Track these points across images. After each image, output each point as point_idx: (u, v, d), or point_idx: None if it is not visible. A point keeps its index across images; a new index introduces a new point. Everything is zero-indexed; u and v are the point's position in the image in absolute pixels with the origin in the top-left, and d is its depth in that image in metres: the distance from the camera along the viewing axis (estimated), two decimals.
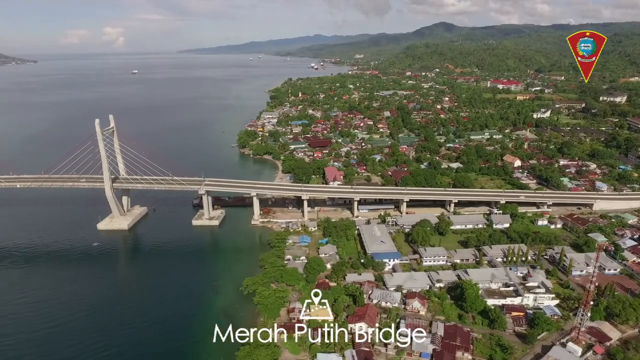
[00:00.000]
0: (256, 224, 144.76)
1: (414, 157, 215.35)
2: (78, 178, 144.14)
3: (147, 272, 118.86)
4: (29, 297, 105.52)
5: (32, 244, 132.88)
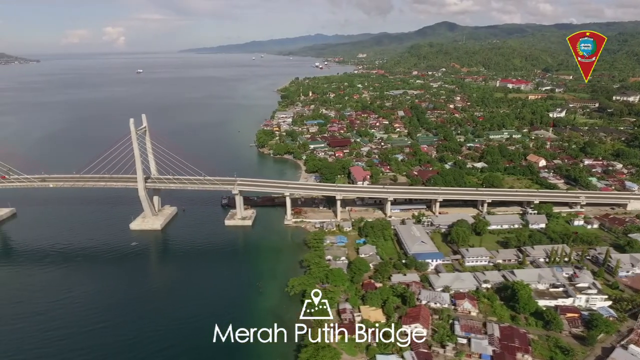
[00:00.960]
0: (289, 224, 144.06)
1: (436, 156, 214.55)
2: (110, 178, 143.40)
3: (187, 272, 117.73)
4: (75, 295, 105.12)
5: (68, 243, 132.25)
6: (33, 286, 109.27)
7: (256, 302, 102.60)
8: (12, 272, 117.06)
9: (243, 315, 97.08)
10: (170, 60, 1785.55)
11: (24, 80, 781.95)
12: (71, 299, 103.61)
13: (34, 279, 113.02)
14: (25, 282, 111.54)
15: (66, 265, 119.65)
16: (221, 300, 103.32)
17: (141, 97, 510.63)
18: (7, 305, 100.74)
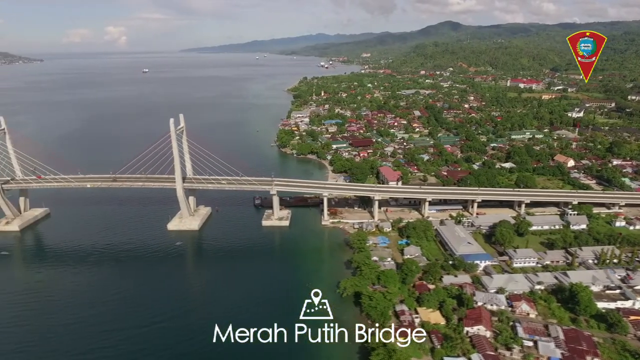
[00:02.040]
0: (326, 225, 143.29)
1: (462, 157, 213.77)
2: (148, 178, 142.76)
3: (232, 272, 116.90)
4: (123, 294, 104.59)
5: (107, 243, 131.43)
6: (81, 285, 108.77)
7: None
8: (58, 272, 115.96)
9: (295, 317, 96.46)
10: (173, 59, 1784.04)
11: (31, 80, 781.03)
12: (120, 299, 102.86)
13: (80, 278, 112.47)
14: (74, 281, 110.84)
15: (109, 265, 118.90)
16: (276, 300, 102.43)
17: (152, 97, 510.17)
18: (62, 304, 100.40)
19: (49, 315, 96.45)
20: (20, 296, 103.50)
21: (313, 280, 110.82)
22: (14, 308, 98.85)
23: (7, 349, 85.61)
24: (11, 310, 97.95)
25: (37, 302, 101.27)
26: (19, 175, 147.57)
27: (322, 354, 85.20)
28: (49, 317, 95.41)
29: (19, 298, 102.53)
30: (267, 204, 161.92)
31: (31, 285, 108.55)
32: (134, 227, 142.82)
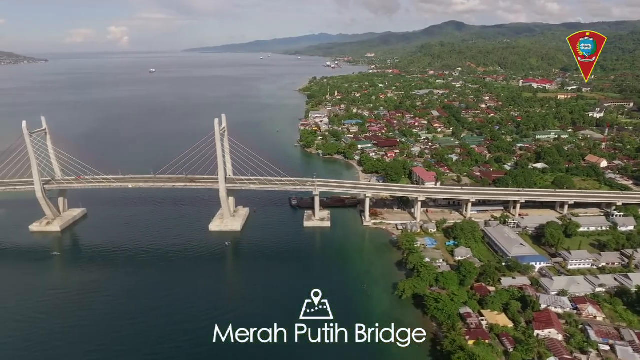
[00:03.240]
0: (368, 225, 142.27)
1: (491, 157, 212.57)
2: (190, 178, 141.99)
3: (282, 274, 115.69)
4: (175, 296, 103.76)
5: (152, 244, 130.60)
6: (134, 285, 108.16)
7: (369, 305, 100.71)
8: (109, 272, 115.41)
9: (360, 317, 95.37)
10: (176, 59, 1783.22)
11: (39, 80, 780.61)
12: (173, 300, 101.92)
13: (132, 278, 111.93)
14: (127, 281, 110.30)
15: (158, 266, 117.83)
16: (336, 302, 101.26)
17: (165, 97, 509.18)
18: (119, 302, 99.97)
19: (109, 314, 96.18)
20: (79, 296, 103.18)
21: (367, 282, 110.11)
22: (77, 307, 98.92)
23: (87, 348, 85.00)
24: (75, 309, 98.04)
25: (96, 302, 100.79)
26: (59, 175, 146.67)
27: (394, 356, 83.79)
28: (108, 316, 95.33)
29: (78, 298, 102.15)
30: (304, 204, 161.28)
31: (86, 285, 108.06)
32: (175, 228, 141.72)
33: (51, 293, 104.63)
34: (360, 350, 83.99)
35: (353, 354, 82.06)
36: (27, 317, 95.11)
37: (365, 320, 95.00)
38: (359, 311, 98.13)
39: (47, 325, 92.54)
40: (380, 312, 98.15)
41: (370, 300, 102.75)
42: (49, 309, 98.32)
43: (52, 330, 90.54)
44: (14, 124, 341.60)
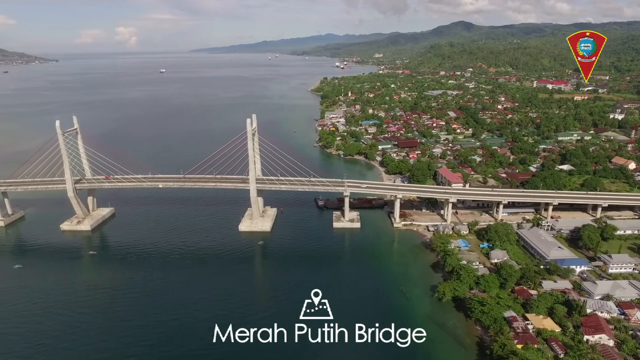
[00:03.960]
0: (399, 227, 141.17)
1: (515, 158, 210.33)
2: (221, 178, 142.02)
3: (315, 275, 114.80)
4: (212, 294, 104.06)
5: (182, 244, 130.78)
6: (169, 284, 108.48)
7: (409, 307, 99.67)
8: (143, 270, 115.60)
9: (402, 319, 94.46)
10: (185, 60, 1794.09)
11: (53, 80, 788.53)
12: (209, 300, 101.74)
13: (166, 276, 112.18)
14: (162, 278, 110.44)
15: (191, 266, 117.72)
16: (374, 304, 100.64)
17: (179, 97, 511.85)
18: (154, 300, 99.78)
19: (147, 310, 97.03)
20: (118, 291, 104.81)
21: (404, 284, 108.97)
22: (120, 304, 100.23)
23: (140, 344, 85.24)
24: (117, 306, 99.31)
25: (135, 299, 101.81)
26: (88, 174, 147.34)
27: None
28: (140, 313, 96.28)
29: (117, 294, 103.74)
30: (331, 205, 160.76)
31: (122, 283, 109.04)
32: (204, 228, 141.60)
33: (92, 290, 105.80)
34: (407, 352, 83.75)
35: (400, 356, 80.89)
36: (71, 312, 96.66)
37: (407, 322, 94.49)
38: (399, 313, 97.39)
39: (91, 319, 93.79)
40: (421, 315, 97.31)
41: (410, 303, 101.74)
42: (91, 304, 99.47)
43: (95, 325, 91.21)
44: (37, 123, 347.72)
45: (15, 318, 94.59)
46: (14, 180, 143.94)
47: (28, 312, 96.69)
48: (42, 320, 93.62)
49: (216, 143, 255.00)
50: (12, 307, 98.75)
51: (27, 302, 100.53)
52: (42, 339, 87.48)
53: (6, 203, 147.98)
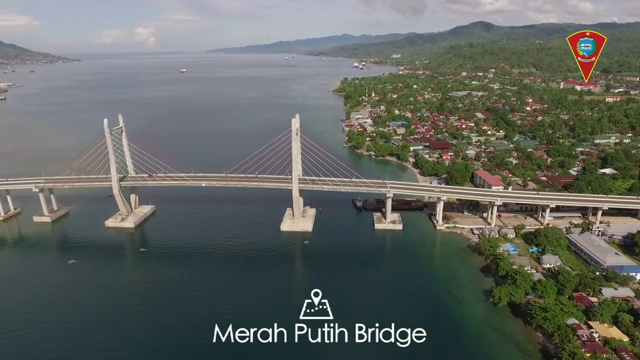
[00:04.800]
0: (441, 229, 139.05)
1: (553, 161, 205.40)
2: (263, 178, 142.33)
3: (366, 277, 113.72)
4: (265, 291, 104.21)
5: (226, 241, 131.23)
6: (219, 282, 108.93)
7: (464, 311, 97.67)
8: (191, 267, 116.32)
9: (456, 324, 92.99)
10: (203, 60, 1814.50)
11: (78, 79, 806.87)
12: (264, 296, 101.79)
13: (213, 275, 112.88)
14: (214, 275, 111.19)
15: (237, 265, 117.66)
16: (427, 307, 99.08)
17: (201, 97, 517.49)
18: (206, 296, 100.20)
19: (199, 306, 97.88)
20: (172, 288, 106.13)
21: (454, 288, 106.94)
22: (175, 299, 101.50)
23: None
24: (172, 301, 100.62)
25: (185, 296, 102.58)
26: (131, 172, 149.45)
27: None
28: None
29: (171, 290, 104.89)
30: (369, 206, 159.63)
31: (175, 278, 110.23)
32: (245, 228, 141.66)
33: (147, 286, 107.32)
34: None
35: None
36: (127, 307, 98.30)
37: (463, 326, 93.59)
38: (454, 317, 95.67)
39: (148, 313, 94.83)
40: (477, 319, 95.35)
41: (464, 307, 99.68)
42: (147, 300, 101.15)
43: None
44: (68, 122, 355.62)
45: (79, 312, 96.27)
46: (60, 177, 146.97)
47: (91, 305, 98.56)
48: (101, 312, 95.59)
49: (246, 143, 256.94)
50: (74, 301, 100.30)
51: (86, 295, 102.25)
52: (104, 330, 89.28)
53: (52, 199, 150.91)
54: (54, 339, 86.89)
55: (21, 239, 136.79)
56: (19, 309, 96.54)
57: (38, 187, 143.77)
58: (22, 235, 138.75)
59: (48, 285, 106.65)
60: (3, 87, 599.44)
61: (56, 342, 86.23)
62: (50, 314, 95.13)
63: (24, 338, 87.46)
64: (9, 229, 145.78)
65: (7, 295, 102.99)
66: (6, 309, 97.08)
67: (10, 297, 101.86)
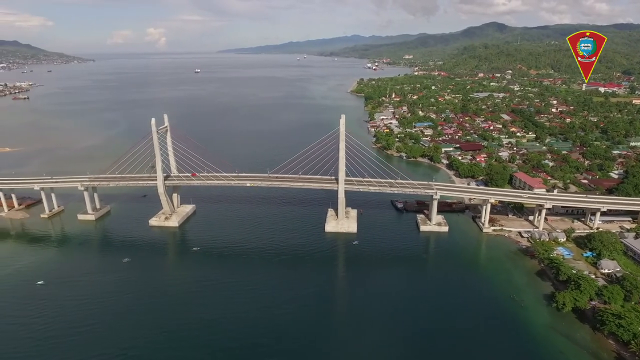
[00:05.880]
0: (488, 232, 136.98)
1: (590, 163, 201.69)
2: (308, 179, 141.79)
3: (420, 280, 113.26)
4: (309, 293, 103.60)
5: (272, 242, 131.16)
6: (262, 283, 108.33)
7: (527, 316, 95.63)
8: (238, 267, 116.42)
9: (522, 330, 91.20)
10: (215, 60, 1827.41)
11: (96, 79, 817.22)
12: (308, 299, 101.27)
13: (258, 276, 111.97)
14: (262, 275, 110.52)
15: (283, 266, 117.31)
16: (487, 312, 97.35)
17: (220, 97, 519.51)
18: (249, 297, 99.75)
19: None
20: (228, 287, 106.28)
21: (511, 292, 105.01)
22: (234, 299, 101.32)
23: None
24: (231, 301, 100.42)
25: (244, 295, 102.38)
26: (174, 171, 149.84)
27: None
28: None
29: (227, 289, 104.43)
30: (410, 207, 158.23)
31: (229, 278, 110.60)
32: (289, 228, 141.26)
33: (204, 285, 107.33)
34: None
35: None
36: (194, 306, 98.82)
37: (529, 332, 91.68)
38: (517, 323, 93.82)
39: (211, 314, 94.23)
40: (542, 325, 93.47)
41: (526, 312, 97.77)
42: (205, 299, 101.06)
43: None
44: (94, 121, 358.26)
45: (149, 309, 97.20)
46: (106, 175, 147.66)
47: (155, 301, 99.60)
48: (167, 310, 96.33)
49: (279, 143, 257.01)
50: (140, 298, 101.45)
51: (148, 293, 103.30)
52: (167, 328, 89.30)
53: (95, 198, 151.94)
54: (131, 335, 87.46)
55: (69, 236, 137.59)
56: (91, 304, 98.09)
57: (84, 185, 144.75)
58: (69, 233, 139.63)
59: (110, 283, 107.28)
60: (24, 87, 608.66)
61: (137, 337, 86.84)
62: (117, 310, 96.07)
63: (108, 331, 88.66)
64: (54, 226, 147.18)
65: (78, 292, 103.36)
66: (80, 304, 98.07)
67: (81, 293, 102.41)
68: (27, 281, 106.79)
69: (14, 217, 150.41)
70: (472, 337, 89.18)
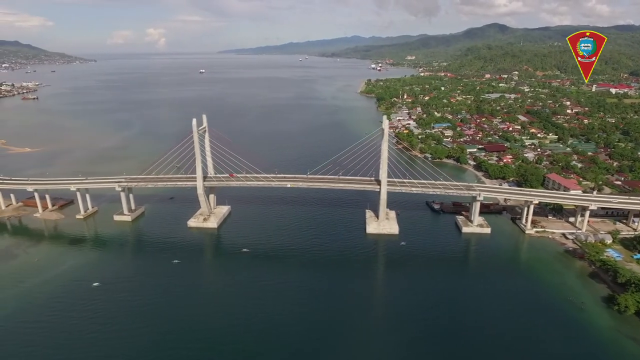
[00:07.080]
0: (530, 234, 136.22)
1: (621, 165, 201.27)
2: (349, 180, 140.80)
3: (472, 283, 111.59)
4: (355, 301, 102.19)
5: (313, 244, 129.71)
6: (305, 285, 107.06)
7: (588, 319, 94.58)
8: (280, 269, 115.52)
9: (588, 333, 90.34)
10: (217, 60, 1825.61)
11: (100, 79, 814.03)
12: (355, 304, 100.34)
13: (301, 278, 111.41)
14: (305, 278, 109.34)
15: (328, 268, 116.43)
16: (547, 314, 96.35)
17: (229, 97, 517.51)
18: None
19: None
20: (281, 289, 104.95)
21: (568, 294, 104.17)
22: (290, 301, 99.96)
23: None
24: (283, 302, 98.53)
25: (298, 298, 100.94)
26: (212, 172, 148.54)
27: None
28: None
29: (282, 291, 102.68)
30: (447, 209, 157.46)
31: (279, 280, 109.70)
32: (328, 230, 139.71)
33: (257, 286, 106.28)
34: None
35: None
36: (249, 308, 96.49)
37: (595, 335, 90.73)
38: (581, 325, 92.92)
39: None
40: (607, 328, 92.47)
41: (587, 315, 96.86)
42: (261, 301, 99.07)
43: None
44: (107, 121, 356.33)
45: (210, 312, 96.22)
46: (143, 176, 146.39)
47: (210, 305, 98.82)
48: (225, 312, 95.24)
49: (299, 143, 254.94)
50: (198, 299, 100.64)
51: (204, 295, 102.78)
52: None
53: (131, 199, 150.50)
54: (195, 338, 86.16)
55: (109, 237, 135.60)
56: (148, 305, 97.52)
57: (121, 186, 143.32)
58: (108, 234, 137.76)
59: (163, 285, 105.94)
60: (32, 87, 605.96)
61: (200, 340, 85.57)
62: (176, 312, 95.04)
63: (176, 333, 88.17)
64: (90, 227, 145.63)
65: (135, 294, 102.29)
66: (136, 305, 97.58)
67: (137, 296, 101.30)
68: (80, 282, 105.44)
69: (48, 218, 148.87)
70: (528, 337, 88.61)
